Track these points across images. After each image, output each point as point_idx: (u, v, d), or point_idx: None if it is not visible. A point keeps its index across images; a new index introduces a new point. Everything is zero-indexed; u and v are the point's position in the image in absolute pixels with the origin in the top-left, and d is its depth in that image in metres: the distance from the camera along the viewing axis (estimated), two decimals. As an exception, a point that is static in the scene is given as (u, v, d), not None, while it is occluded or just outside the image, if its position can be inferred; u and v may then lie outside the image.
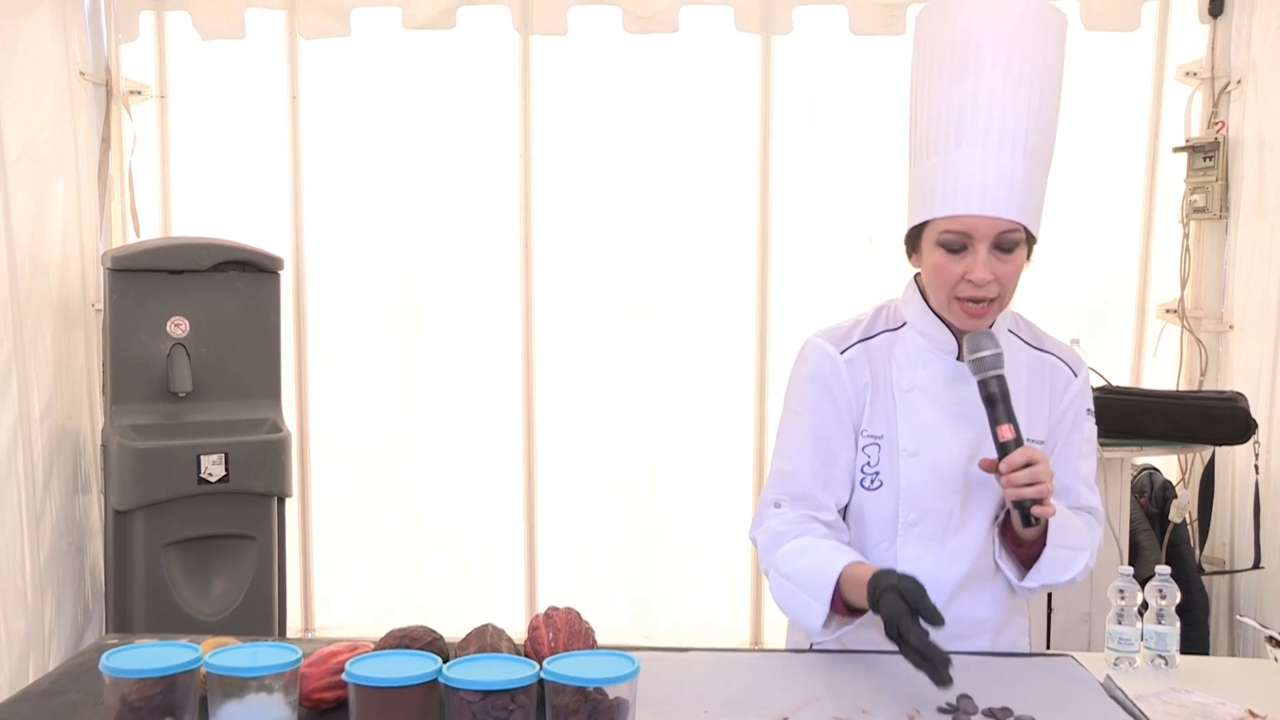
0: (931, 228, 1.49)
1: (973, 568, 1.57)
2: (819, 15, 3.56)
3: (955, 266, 1.47)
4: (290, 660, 1.32)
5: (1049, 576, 1.54)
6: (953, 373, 1.56)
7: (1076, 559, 1.56)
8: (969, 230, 1.45)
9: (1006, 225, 1.46)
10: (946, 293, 1.50)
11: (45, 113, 3.23)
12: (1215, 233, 3.53)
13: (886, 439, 1.55)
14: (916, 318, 1.59)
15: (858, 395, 1.57)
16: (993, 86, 1.47)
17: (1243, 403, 2.96)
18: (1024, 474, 1.41)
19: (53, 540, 3.24)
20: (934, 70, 1.53)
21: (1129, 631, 1.66)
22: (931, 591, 1.50)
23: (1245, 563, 3.13)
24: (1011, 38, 1.50)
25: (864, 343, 1.60)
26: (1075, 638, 2.85)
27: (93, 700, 1.45)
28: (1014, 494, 1.43)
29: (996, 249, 1.47)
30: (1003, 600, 1.63)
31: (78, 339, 3.43)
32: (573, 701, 1.26)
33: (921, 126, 1.54)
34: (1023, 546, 1.54)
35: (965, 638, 1.59)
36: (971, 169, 1.45)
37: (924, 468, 1.54)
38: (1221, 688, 1.57)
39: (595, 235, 3.71)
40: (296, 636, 3.56)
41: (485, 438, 3.75)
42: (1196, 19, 3.52)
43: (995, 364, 1.46)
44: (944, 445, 1.54)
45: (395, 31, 3.60)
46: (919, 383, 1.56)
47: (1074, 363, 1.65)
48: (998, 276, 1.47)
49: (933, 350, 1.58)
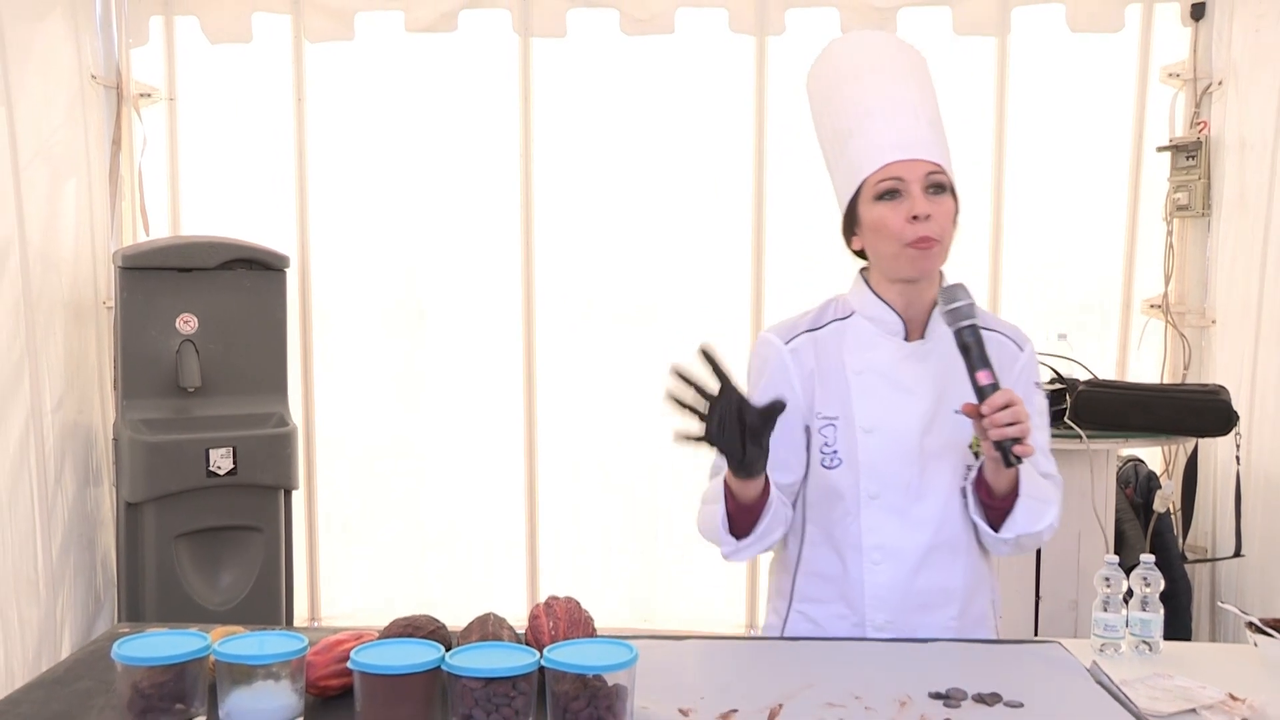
0: (866, 190, 1.60)
1: (935, 537, 1.63)
2: (811, 17, 3.62)
3: (896, 213, 1.57)
4: (297, 649, 1.34)
5: (1024, 526, 1.59)
6: (901, 353, 1.65)
7: (1047, 510, 1.61)
8: (900, 174, 1.57)
9: (931, 166, 1.58)
10: (895, 243, 1.58)
11: (58, 115, 3.28)
12: (1198, 230, 3.59)
13: (843, 419, 1.63)
14: (864, 305, 1.68)
15: (804, 382, 1.66)
16: (888, 80, 1.63)
17: (1224, 396, 2.98)
18: (1006, 414, 1.46)
19: (65, 532, 3.29)
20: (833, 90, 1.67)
21: (1114, 618, 1.71)
22: (899, 561, 1.61)
23: (1227, 551, 3.18)
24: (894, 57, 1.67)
25: (811, 332, 1.69)
26: (1062, 624, 2.89)
27: (105, 687, 1.47)
28: (997, 434, 1.47)
29: (928, 191, 1.57)
30: (969, 570, 1.68)
31: (89, 335, 3.48)
32: (573, 688, 1.28)
33: (834, 129, 1.66)
34: (996, 499, 1.59)
35: (935, 607, 1.66)
36: (886, 128, 1.58)
37: (881, 443, 1.62)
38: (1203, 672, 1.61)
39: (595, 235, 3.74)
40: (303, 625, 3.61)
41: (486, 436, 3.79)
42: (1179, 22, 3.58)
43: (969, 313, 1.53)
44: (899, 420, 1.62)
45: (398, 35, 3.65)
46: (871, 364, 1.64)
47: (1019, 338, 1.72)
48: (934, 214, 1.56)
49: (881, 333, 1.66)
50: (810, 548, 1.72)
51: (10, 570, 2.96)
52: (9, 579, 2.95)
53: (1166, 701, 1.49)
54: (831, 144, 1.68)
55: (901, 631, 1.64)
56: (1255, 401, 3.19)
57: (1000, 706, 1.42)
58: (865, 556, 1.64)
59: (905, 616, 1.65)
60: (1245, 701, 1.49)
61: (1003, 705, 1.43)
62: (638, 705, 1.38)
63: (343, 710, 1.38)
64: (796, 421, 1.65)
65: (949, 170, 1.61)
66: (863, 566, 1.64)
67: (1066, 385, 2.92)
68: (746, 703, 1.43)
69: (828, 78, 1.69)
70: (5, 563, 2.94)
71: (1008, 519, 1.60)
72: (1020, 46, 3.63)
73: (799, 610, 1.72)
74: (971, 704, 1.43)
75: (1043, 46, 3.63)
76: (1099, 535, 2.84)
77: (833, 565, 1.67)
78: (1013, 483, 1.57)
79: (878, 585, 1.64)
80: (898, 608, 1.64)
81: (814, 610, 1.70)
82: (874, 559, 1.64)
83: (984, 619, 1.72)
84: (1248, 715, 1.45)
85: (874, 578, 1.64)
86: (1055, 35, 3.60)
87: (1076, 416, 2.80)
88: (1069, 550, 2.88)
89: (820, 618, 1.68)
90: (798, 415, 1.65)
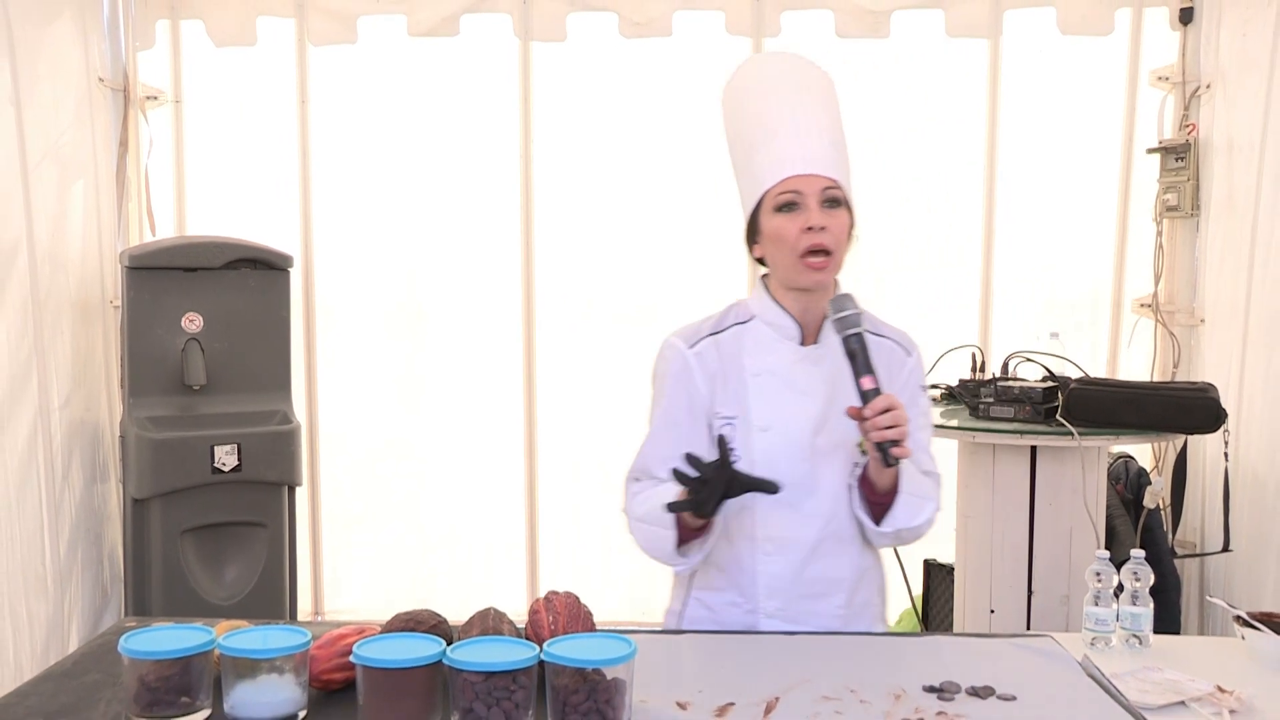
0: (767, 202, 1.69)
1: (825, 529, 1.72)
2: (806, 19, 3.67)
3: (793, 224, 1.65)
4: (300, 643, 1.35)
5: (902, 521, 1.69)
6: (796, 356, 1.73)
7: (925, 506, 1.71)
8: (798, 188, 1.65)
9: (827, 182, 1.66)
10: (791, 254, 1.66)
11: (66, 117, 3.32)
12: (1187, 230, 3.64)
13: (740, 418, 1.72)
14: (763, 310, 1.76)
15: (707, 383, 1.74)
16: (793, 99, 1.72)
17: (1213, 393, 2.99)
18: (886, 417, 1.55)
19: (72, 527, 3.32)
20: (741, 105, 1.77)
21: (1105, 613, 1.74)
22: (790, 551, 1.70)
23: (1215, 546, 3.21)
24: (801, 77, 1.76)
25: (713, 336, 1.77)
26: (1054, 619, 2.91)
27: (112, 680, 1.48)
28: (877, 435, 1.56)
29: (824, 205, 1.66)
30: (856, 561, 1.76)
31: (96, 334, 3.52)
32: (572, 682, 1.29)
33: (742, 143, 1.76)
34: (878, 495, 1.68)
35: (823, 596, 1.74)
36: (788, 144, 1.67)
37: (775, 440, 1.70)
38: (1192, 665, 1.62)
39: (595, 236, 3.78)
40: (306, 620, 3.65)
41: (487, 434, 3.82)
42: (1168, 26, 3.63)
43: (855, 322, 1.61)
44: (792, 420, 1.71)
45: (400, 38, 3.70)
46: (767, 367, 1.73)
47: (907, 344, 1.81)
48: (829, 227, 1.64)
49: (779, 338, 1.74)
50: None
51: (20, 565, 3.00)
52: (18, 574, 2.99)
53: (1156, 694, 1.51)
54: (738, 157, 1.78)
55: (793, 618, 1.73)
56: (1243, 399, 3.23)
57: (993, 699, 1.46)
58: (759, 548, 1.72)
59: (796, 604, 1.73)
60: (1233, 694, 1.51)
61: (996, 698, 1.46)
62: (636, 698, 1.40)
63: (345, 703, 1.40)
64: (704, 425, 1.74)
65: (846, 187, 1.70)
66: (756, 557, 1.73)
67: (1058, 383, 2.95)
68: (743, 696, 1.45)
69: (738, 94, 1.79)
70: (14, 557, 2.98)
71: (888, 514, 1.69)
72: (1012, 49, 3.68)
73: (696, 598, 1.80)
74: (965, 697, 1.46)
75: (1034, 49, 3.68)
76: (1090, 531, 2.86)
77: (728, 556, 1.74)
78: (894, 480, 1.66)
79: (770, 575, 1.72)
80: (789, 595, 1.72)
81: (710, 598, 1.77)
82: (767, 550, 1.72)
83: (869, 606, 1.80)
84: (1235, 707, 1.47)
85: (767, 567, 1.72)
86: (1047, 38, 3.65)
87: (1068, 414, 2.83)
88: (1061, 546, 2.91)
89: (716, 605, 1.77)
90: (704, 416, 1.74)
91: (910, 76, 3.72)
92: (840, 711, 1.41)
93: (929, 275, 3.78)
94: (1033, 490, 2.88)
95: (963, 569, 3.05)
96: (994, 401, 2.91)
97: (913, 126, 3.73)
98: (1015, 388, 2.89)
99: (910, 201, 3.76)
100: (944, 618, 3.55)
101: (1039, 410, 2.85)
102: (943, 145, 3.73)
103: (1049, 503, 2.87)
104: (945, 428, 2.88)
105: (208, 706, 1.38)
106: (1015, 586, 2.92)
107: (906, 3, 3.62)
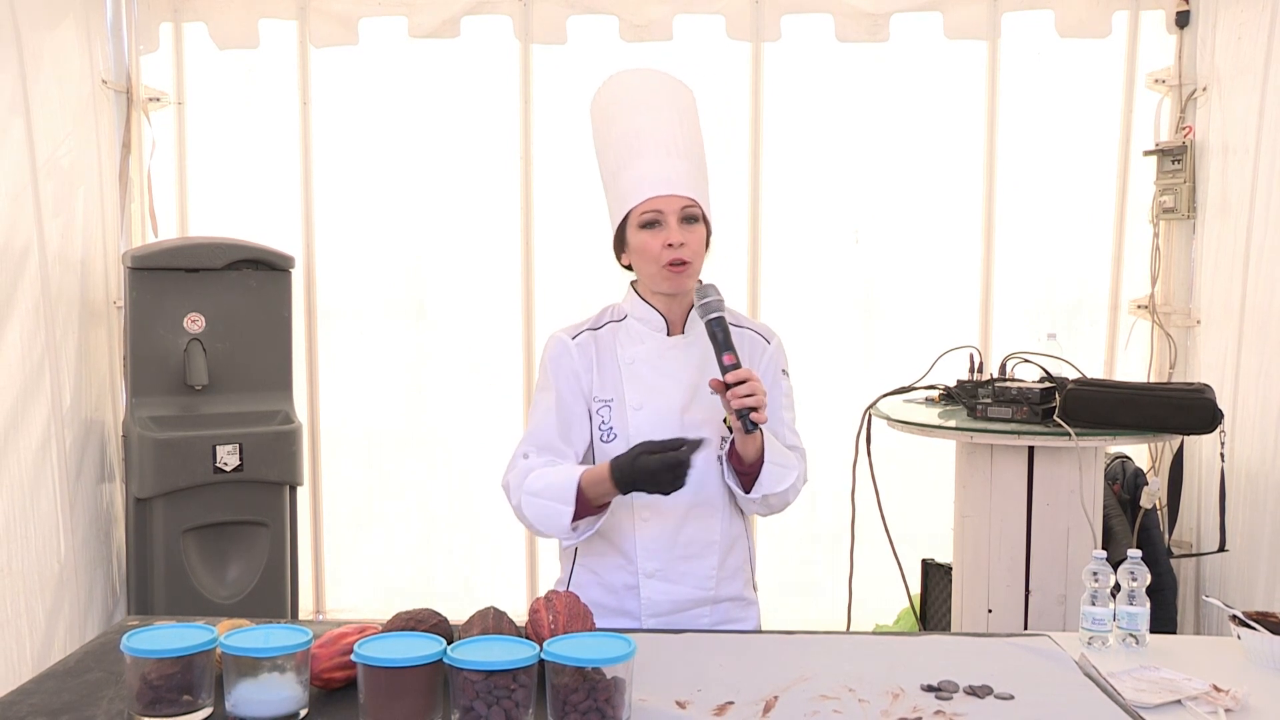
0: (632, 219, 1.89)
1: (695, 496, 1.89)
2: (806, 23, 3.69)
3: (656, 240, 1.86)
4: (302, 641, 1.37)
5: (769, 487, 1.87)
6: (665, 345, 1.95)
7: (788, 474, 1.90)
8: (660, 208, 1.86)
9: (686, 201, 1.87)
10: (655, 264, 1.88)
11: (70, 119, 3.33)
12: (1183, 232, 3.66)
13: (616, 400, 1.93)
14: (634, 309, 1.99)
15: (586, 370, 1.95)
16: (655, 118, 1.93)
17: (1209, 394, 2.99)
18: (744, 387, 1.75)
19: (85, 526, 3.34)
20: (607, 123, 1.96)
21: (1102, 612, 1.75)
22: (664, 517, 1.89)
23: (1211, 546, 3.24)
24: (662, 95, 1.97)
25: (592, 331, 1.99)
26: (1051, 618, 2.91)
27: (114, 679, 1.49)
28: (738, 403, 1.75)
29: (683, 222, 1.86)
30: (726, 525, 1.95)
31: (100, 335, 3.53)
32: (572, 681, 1.31)
33: (609, 160, 1.95)
34: (746, 465, 1.85)
35: (697, 557, 1.92)
36: (650, 166, 1.88)
37: (648, 418, 1.90)
38: (1188, 665, 1.64)
39: (594, 237, 3.74)
40: (308, 619, 3.66)
41: (487, 436, 3.83)
42: (1164, 29, 3.65)
43: (718, 307, 1.83)
44: (662, 399, 1.91)
45: (402, 40, 3.72)
46: (639, 355, 1.95)
47: (767, 334, 2.03)
48: (687, 242, 1.86)
49: (648, 331, 1.96)
50: None
51: (35, 563, 3.02)
52: (33, 572, 3.01)
53: (1152, 693, 1.52)
54: (605, 173, 1.98)
55: (670, 577, 1.91)
56: (1239, 400, 3.25)
57: (991, 698, 1.47)
58: (637, 514, 1.90)
59: (673, 565, 1.91)
60: (1229, 693, 1.52)
61: (993, 697, 1.48)
62: (636, 697, 1.42)
63: (346, 702, 1.42)
64: (584, 407, 1.95)
65: (704, 202, 1.90)
66: (635, 523, 1.91)
67: (1056, 384, 2.97)
68: (742, 695, 1.46)
69: (604, 111, 1.99)
70: (29, 555, 2.99)
71: (756, 482, 1.86)
72: (1010, 51, 3.70)
73: (582, 565, 1.96)
74: (963, 696, 1.47)
75: (1032, 51, 3.70)
76: (1087, 531, 2.87)
77: (610, 524, 1.90)
78: (759, 451, 1.84)
79: (648, 538, 1.90)
80: (666, 557, 1.91)
81: (595, 563, 1.95)
82: (644, 516, 1.90)
83: (741, 569, 1.98)
84: (1231, 706, 1.49)
85: (644, 532, 1.90)
86: (1045, 40, 3.67)
87: (1065, 414, 2.84)
88: (1058, 545, 2.92)
89: (600, 569, 1.94)
90: (584, 399, 1.95)
91: (909, 79, 3.74)
92: (839, 710, 1.42)
93: (928, 276, 3.81)
94: (1030, 490, 2.89)
95: (960, 569, 3.06)
96: (992, 402, 2.92)
97: (912, 128, 3.75)
98: (1013, 388, 2.91)
99: (909, 202, 3.78)
100: (942, 617, 3.57)
101: (1036, 411, 2.87)
102: (941, 147, 3.75)
103: (1046, 503, 2.88)
104: (943, 428, 2.89)
105: (209, 705, 1.39)
106: (1013, 586, 2.93)
107: (905, 6, 3.64)
